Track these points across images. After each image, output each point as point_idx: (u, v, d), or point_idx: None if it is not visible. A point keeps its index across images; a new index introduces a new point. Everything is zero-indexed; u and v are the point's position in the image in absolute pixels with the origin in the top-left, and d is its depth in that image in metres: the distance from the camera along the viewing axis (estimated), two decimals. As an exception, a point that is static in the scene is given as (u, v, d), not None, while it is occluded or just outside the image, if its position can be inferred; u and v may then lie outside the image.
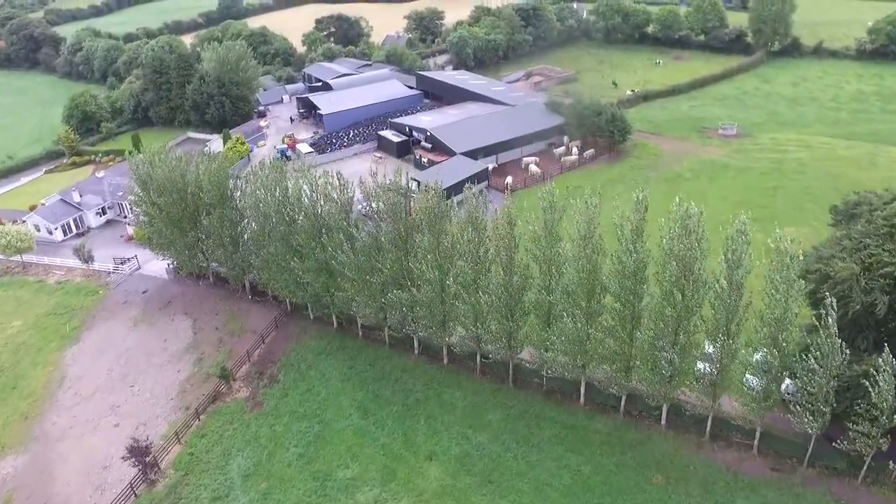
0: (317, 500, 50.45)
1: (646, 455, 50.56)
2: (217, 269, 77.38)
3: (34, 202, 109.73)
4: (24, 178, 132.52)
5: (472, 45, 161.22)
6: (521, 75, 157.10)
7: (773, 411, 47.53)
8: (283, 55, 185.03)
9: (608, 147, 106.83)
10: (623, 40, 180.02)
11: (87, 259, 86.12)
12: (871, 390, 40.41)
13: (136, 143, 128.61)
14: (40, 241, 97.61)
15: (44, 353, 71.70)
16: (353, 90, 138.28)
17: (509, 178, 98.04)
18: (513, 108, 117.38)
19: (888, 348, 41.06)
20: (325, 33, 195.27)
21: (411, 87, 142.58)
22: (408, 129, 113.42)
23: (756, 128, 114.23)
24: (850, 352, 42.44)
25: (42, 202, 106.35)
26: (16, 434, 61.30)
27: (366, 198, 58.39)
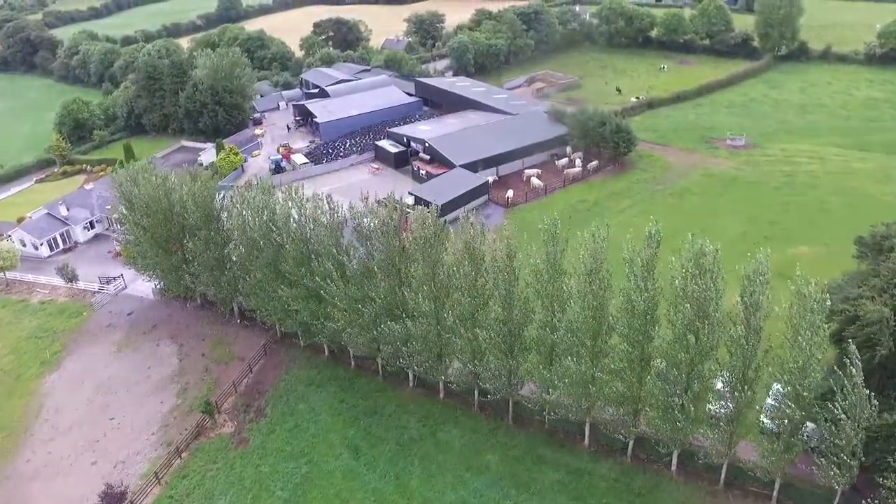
0: (303, 551, 47.25)
1: (655, 504, 47.23)
2: (205, 291, 74.07)
3: (23, 213, 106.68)
4: (13, 188, 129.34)
5: (473, 51, 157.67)
6: (522, 81, 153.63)
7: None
8: (281, 60, 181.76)
9: (612, 158, 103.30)
10: (626, 44, 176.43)
11: (70, 279, 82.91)
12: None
13: (128, 153, 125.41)
14: (26, 256, 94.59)
15: (22, 380, 68.45)
16: (351, 97, 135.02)
17: (510, 192, 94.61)
18: (514, 117, 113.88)
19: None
20: (323, 37, 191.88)
21: (410, 94, 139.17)
22: (405, 140, 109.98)
23: (765, 138, 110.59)
24: (880, 400, 39.05)
25: (29, 215, 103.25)
26: (-12, 472, 58.17)
27: (357, 227, 54.88)
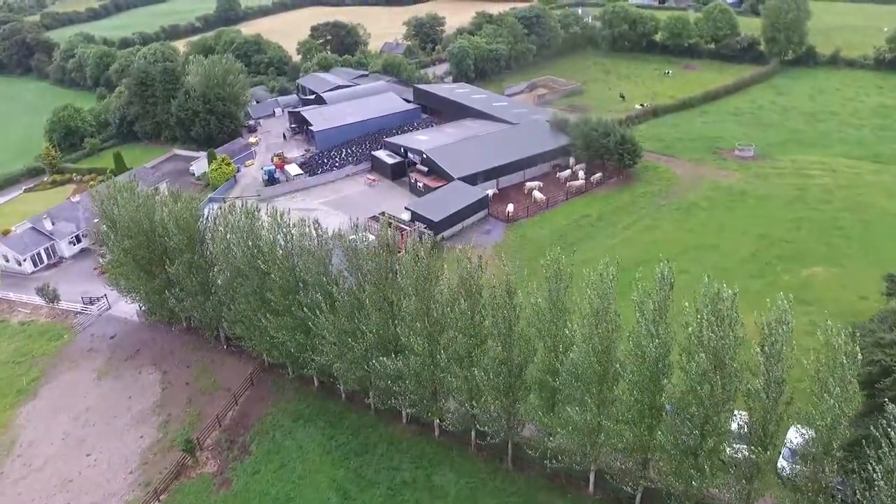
0: None
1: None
2: (190, 315, 70.62)
3: (9, 225, 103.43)
4: (1, 198, 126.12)
5: (473, 56, 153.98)
6: (524, 87, 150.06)
7: None
8: (278, 64, 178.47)
9: (617, 170, 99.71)
10: (630, 48, 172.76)
11: (51, 299, 79.60)
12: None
13: (119, 162, 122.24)
14: (8, 272, 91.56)
15: (-4, 411, 65.24)
16: (348, 104, 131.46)
17: (510, 206, 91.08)
18: (515, 126, 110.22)
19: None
20: (320, 41, 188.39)
21: (408, 101, 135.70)
22: (402, 150, 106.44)
23: (775, 148, 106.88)
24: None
25: (13, 228, 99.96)
26: (-46, 514, 54.97)
27: (346, 255, 51.40)
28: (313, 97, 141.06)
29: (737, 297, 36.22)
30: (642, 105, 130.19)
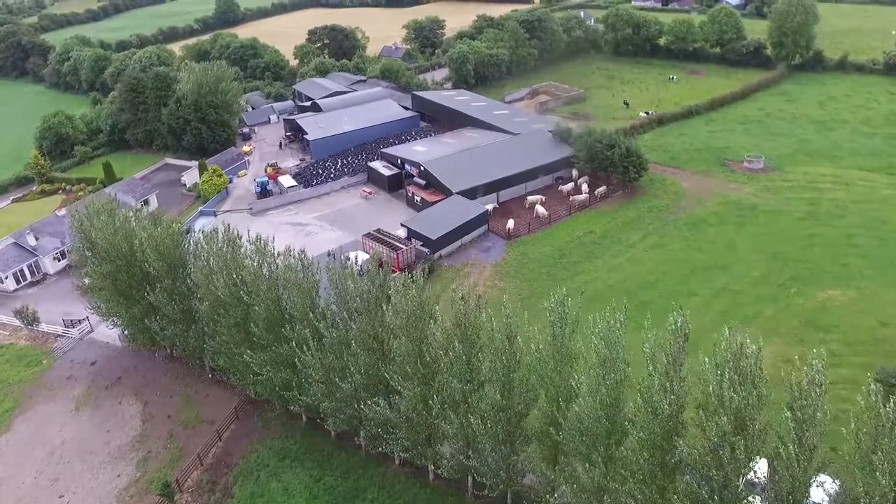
0: None
1: None
2: (173, 342, 67.13)
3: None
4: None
5: (473, 61, 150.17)
6: (525, 93, 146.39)
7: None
8: (274, 69, 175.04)
9: (622, 183, 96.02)
10: (634, 52, 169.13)
11: (30, 322, 76.16)
12: None
13: (108, 172, 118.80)
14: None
15: (-33, 445, 61.75)
16: (344, 111, 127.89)
17: (511, 222, 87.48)
18: (516, 137, 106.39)
19: None
20: (317, 45, 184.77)
21: (407, 108, 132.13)
22: (400, 162, 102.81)
23: (785, 160, 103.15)
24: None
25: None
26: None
27: (332, 286, 47.83)
28: (309, 104, 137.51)
29: (761, 351, 32.52)
30: (647, 113, 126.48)
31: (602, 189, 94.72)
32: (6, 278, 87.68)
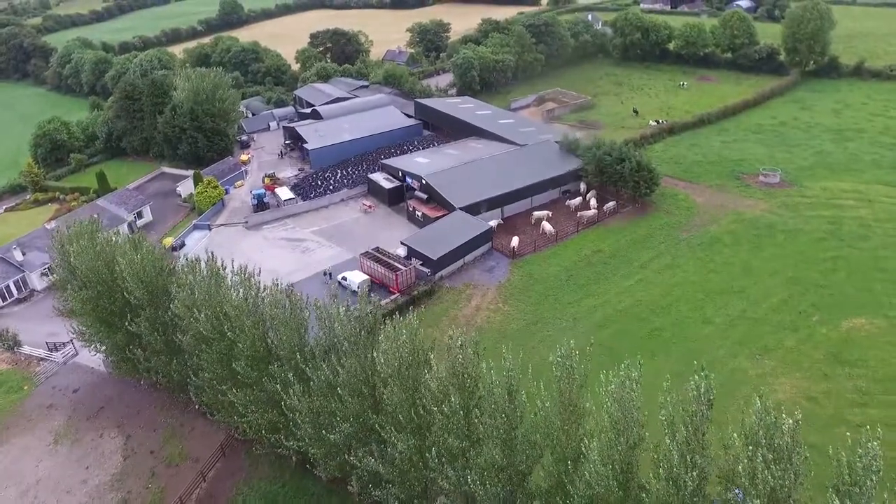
0: None
1: None
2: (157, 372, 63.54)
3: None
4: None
5: (478, 67, 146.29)
6: (531, 100, 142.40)
7: None
8: (275, 74, 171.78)
9: (632, 198, 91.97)
10: (643, 57, 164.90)
11: (11, 346, 72.82)
12: None
13: (102, 181, 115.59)
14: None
15: (-62, 482, 58.32)
16: (345, 119, 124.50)
17: (515, 240, 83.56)
18: (522, 149, 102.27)
19: None
20: (320, 49, 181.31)
21: (410, 116, 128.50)
22: (401, 174, 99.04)
23: (803, 173, 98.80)
24: None
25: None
26: None
27: (320, 326, 44.14)
28: (310, 110, 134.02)
29: (798, 425, 28.57)
30: (657, 121, 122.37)
31: (611, 204, 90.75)
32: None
